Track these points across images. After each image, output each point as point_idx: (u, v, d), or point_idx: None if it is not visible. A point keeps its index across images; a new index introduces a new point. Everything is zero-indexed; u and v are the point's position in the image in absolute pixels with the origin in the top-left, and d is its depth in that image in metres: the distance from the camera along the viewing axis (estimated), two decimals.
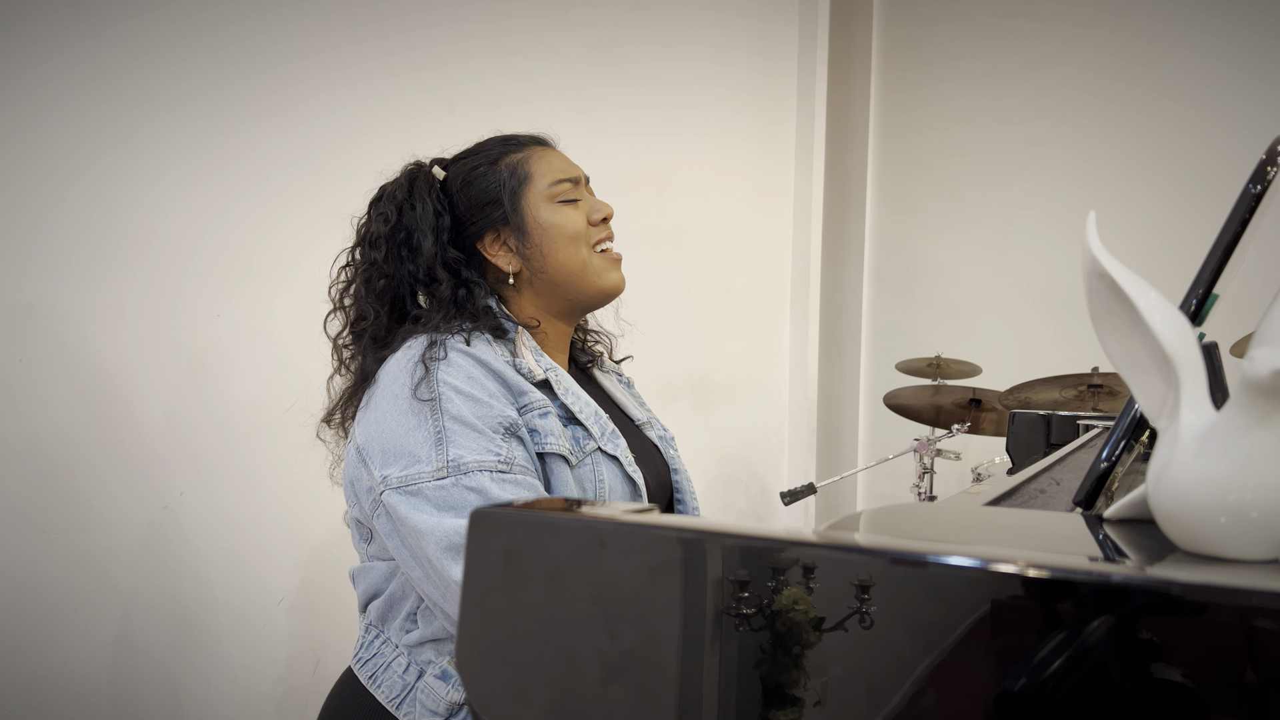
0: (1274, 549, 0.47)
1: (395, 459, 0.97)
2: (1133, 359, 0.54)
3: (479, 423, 0.97)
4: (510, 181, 1.12)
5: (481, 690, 0.54)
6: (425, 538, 0.94)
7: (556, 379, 1.09)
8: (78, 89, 1.60)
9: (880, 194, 4.04)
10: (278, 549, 1.91)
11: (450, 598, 0.96)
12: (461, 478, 0.94)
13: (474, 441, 0.96)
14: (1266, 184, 0.61)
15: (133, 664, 1.68)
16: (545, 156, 1.15)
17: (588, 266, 1.12)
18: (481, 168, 1.13)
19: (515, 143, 1.16)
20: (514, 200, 1.11)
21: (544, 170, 1.13)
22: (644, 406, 1.29)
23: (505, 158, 1.14)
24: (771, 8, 3.65)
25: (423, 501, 0.95)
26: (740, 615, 0.48)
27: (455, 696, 1.01)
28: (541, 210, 1.11)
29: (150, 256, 1.71)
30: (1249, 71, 3.13)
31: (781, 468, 3.80)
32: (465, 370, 1.00)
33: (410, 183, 1.13)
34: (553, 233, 1.11)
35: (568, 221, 1.11)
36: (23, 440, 1.53)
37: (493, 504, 0.57)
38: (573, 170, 1.15)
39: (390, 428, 0.99)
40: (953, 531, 0.66)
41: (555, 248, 1.11)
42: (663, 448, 1.23)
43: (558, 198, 1.12)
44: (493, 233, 1.12)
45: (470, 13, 2.34)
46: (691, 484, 1.25)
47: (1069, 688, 0.41)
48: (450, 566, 0.93)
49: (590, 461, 1.07)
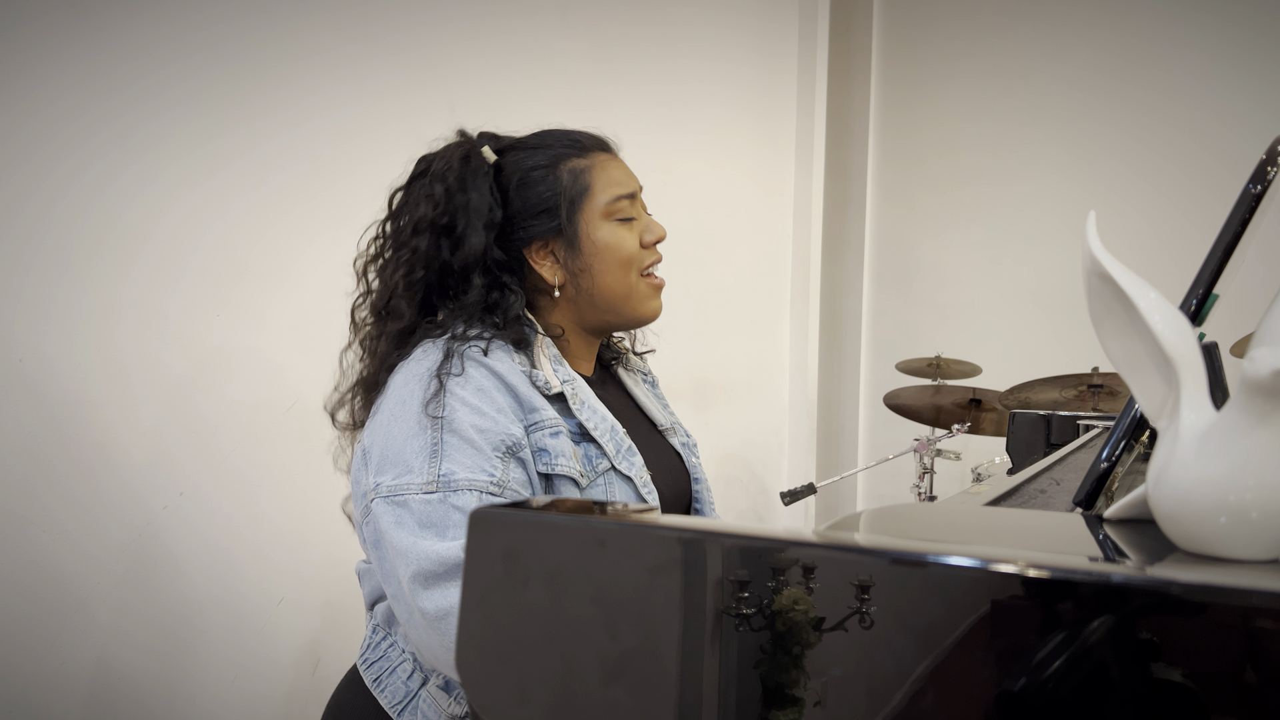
0: (1274, 549, 0.47)
1: (390, 466, 0.95)
2: (1133, 359, 0.54)
3: (479, 439, 0.95)
4: (570, 190, 1.05)
5: (481, 690, 0.54)
6: (400, 559, 0.92)
7: (573, 392, 1.04)
8: (77, 88, 1.60)
9: (880, 193, 4.04)
10: (277, 549, 1.91)
11: (414, 625, 0.93)
12: (450, 495, 0.92)
13: (469, 459, 0.93)
14: (1266, 184, 0.61)
15: (132, 664, 1.68)
16: (607, 167, 1.09)
17: (633, 292, 1.08)
18: (540, 169, 1.07)
19: (579, 145, 1.09)
20: (571, 213, 1.05)
21: (605, 183, 1.07)
22: (668, 410, 1.25)
23: (567, 162, 1.07)
24: (771, 8, 3.65)
25: (407, 515, 0.92)
26: (740, 615, 0.48)
27: (456, 710, 1.00)
28: (599, 229, 1.06)
29: (149, 257, 1.71)
30: (1249, 71, 3.13)
31: (781, 468, 3.80)
32: (477, 383, 0.97)
33: (463, 164, 1.05)
34: (606, 254, 1.06)
35: (622, 244, 1.07)
36: (22, 440, 1.53)
37: (493, 505, 0.57)
38: (632, 184, 1.10)
39: (392, 433, 0.97)
40: (953, 531, 0.66)
41: (605, 269, 1.06)
42: (685, 455, 1.20)
43: (615, 215, 1.07)
44: (541, 241, 1.06)
45: (470, 13, 2.34)
46: (711, 494, 1.21)
47: (1069, 688, 0.41)
48: (418, 594, 0.90)
49: (603, 481, 1.03)
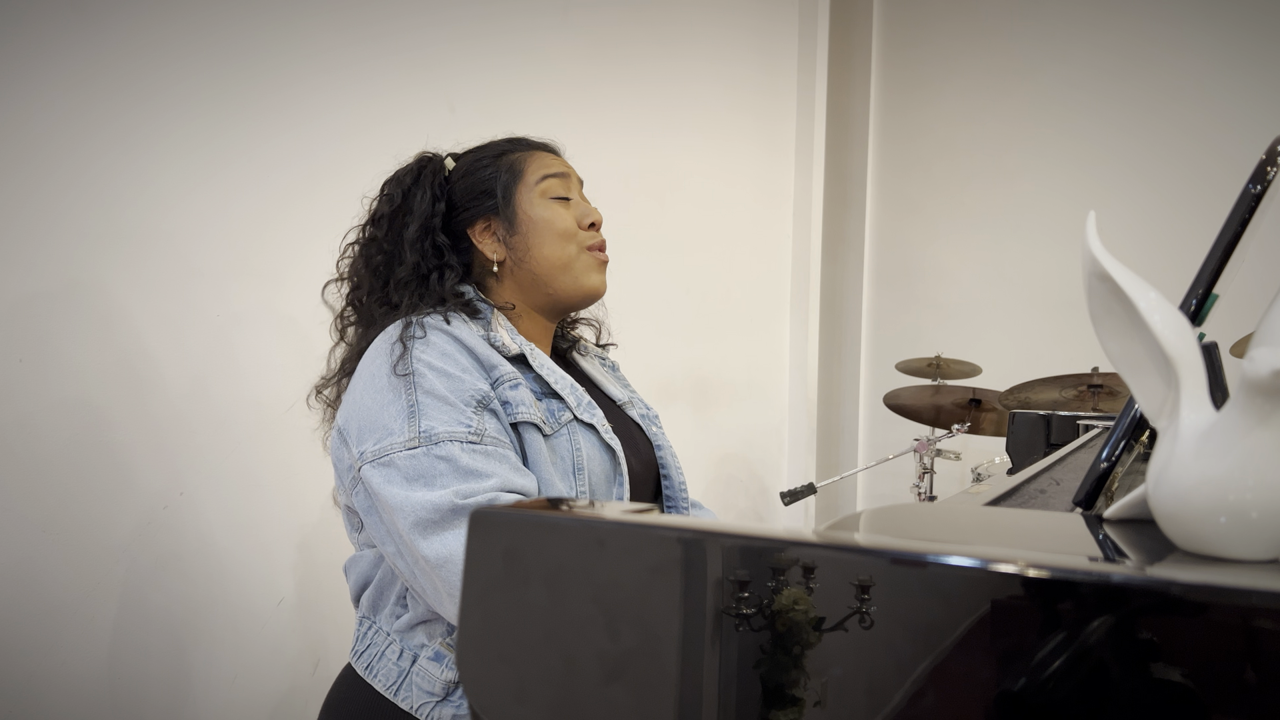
0: (1274, 549, 0.47)
1: (370, 433, 1.00)
2: (1133, 359, 0.54)
3: (451, 396, 1.00)
4: (505, 175, 1.17)
5: (481, 690, 0.54)
6: (395, 513, 0.96)
7: (532, 353, 1.12)
8: (77, 89, 1.60)
9: (880, 194, 4.04)
10: (278, 549, 1.91)
11: (420, 573, 0.97)
12: (432, 448, 0.97)
13: (445, 414, 0.99)
14: (1266, 184, 0.61)
15: (132, 664, 1.68)
16: (543, 157, 1.20)
17: (573, 263, 1.16)
18: (484, 160, 1.19)
19: (522, 144, 1.21)
20: (506, 192, 1.16)
21: (536, 166, 1.18)
22: (627, 387, 1.31)
23: (507, 154, 1.19)
24: (771, 8, 3.65)
25: (394, 473, 0.97)
26: (740, 615, 0.48)
27: (450, 675, 1.03)
28: (534, 205, 1.16)
29: (150, 256, 1.71)
30: (1249, 71, 3.13)
31: (781, 468, 3.80)
32: (440, 347, 1.03)
33: (419, 169, 1.19)
34: (540, 226, 1.15)
35: (556, 218, 1.15)
36: (22, 440, 1.53)
37: (493, 505, 0.57)
38: (563, 167, 1.20)
39: (367, 405, 1.02)
40: (953, 531, 0.66)
41: (542, 241, 1.15)
42: (644, 425, 1.24)
43: (548, 194, 1.16)
44: (484, 221, 1.17)
45: (470, 13, 2.34)
46: (677, 460, 1.25)
47: (1069, 688, 0.41)
48: (419, 542, 0.95)
49: (566, 431, 1.08)
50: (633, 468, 1.15)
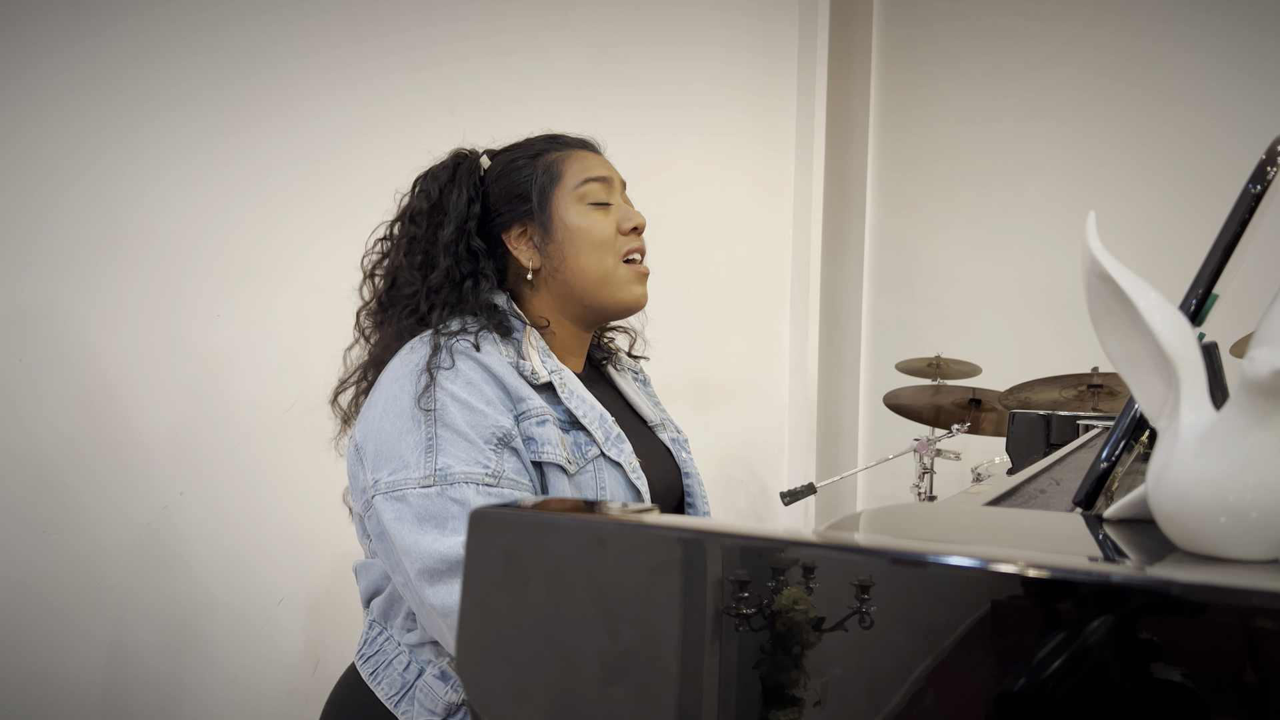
0: (1274, 549, 0.47)
1: (386, 461, 0.97)
2: (1133, 359, 0.54)
3: (471, 432, 0.96)
4: (542, 178, 1.10)
5: (481, 690, 0.54)
6: (405, 556, 0.94)
7: (561, 381, 1.07)
8: (77, 89, 1.60)
9: (880, 193, 4.04)
10: (278, 549, 1.91)
11: (424, 614, 0.96)
12: (447, 488, 0.94)
13: (464, 451, 0.95)
14: (1266, 184, 0.61)
15: (132, 664, 1.68)
16: (583, 157, 1.13)
17: (611, 276, 1.10)
18: (520, 161, 1.13)
19: (559, 142, 1.15)
20: (543, 197, 1.10)
21: (576, 169, 1.11)
22: (659, 407, 1.27)
23: (545, 155, 1.13)
24: (771, 8, 3.65)
25: (406, 510, 0.95)
26: (740, 615, 0.48)
27: (453, 698, 1.01)
28: (570, 211, 1.09)
29: (150, 256, 1.71)
30: (1249, 71, 3.13)
31: (781, 468, 3.80)
32: (466, 376, 0.99)
33: (455, 166, 1.13)
34: (577, 235, 1.09)
35: (594, 226, 1.09)
36: (22, 441, 1.53)
37: (493, 504, 0.57)
38: (604, 170, 1.13)
39: (385, 428, 0.99)
40: (953, 531, 0.66)
41: (578, 251, 1.09)
42: (674, 450, 1.21)
43: (587, 199, 1.10)
44: (519, 226, 1.11)
45: (470, 13, 2.34)
46: (703, 489, 1.22)
47: (1069, 688, 0.41)
48: (425, 590, 0.93)
49: (592, 468, 1.05)
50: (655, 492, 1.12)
